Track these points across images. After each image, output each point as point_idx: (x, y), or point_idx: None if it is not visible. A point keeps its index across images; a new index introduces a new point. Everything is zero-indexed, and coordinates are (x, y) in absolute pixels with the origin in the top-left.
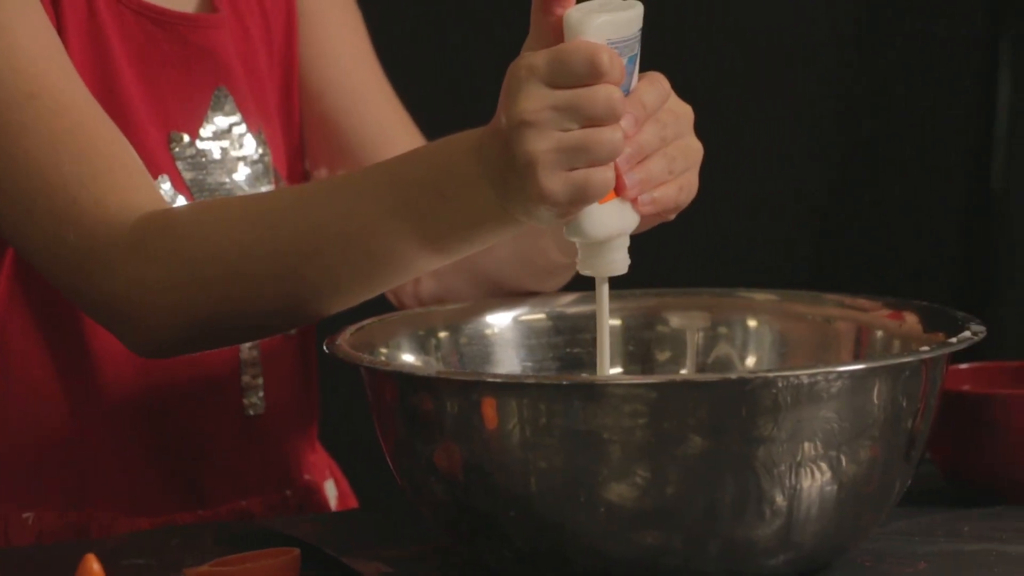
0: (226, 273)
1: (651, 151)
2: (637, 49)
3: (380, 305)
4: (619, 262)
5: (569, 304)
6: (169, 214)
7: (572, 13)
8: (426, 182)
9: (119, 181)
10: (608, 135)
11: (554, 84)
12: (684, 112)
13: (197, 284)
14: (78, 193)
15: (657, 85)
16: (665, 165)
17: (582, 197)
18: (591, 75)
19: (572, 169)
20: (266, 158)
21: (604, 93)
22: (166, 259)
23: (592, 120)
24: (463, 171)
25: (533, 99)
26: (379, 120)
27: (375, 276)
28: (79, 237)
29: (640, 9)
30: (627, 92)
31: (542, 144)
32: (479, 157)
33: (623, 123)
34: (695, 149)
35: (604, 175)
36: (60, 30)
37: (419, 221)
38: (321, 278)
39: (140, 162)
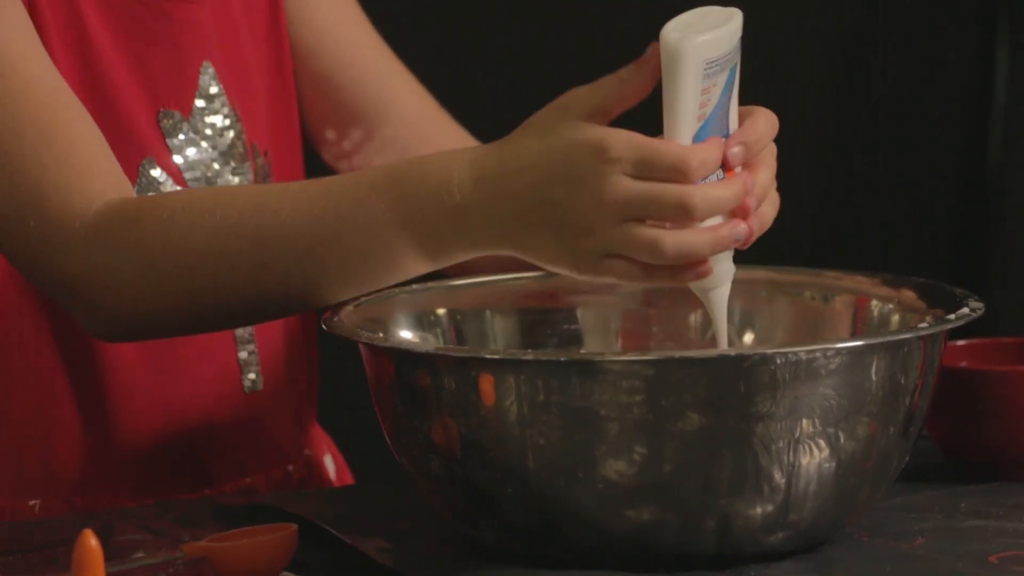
0: (189, 272)
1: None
2: (737, 59)
3: None
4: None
5: (567, 281)
6: (137, 205)
7: (670, 34)
8: (416, 201)
9: (83, 167)
10: (672, 239)
11: (634, 176)
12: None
13: (160, 278)
14: (40, 178)
15: (771, 120)
16: (772, 209)
17: (638, 280)
18: (676, 177)
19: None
20: (236, 133)
21: (676, 194)
22: (130, 250)
23: (662, 217)
24: (461, 202)
25: (615, 191)
26: (377, 70)
27: (342, 285)
28: (40, 224)
29: (739, 19)
30: (723, 127)
31: (616, 235)
32: (488, 188)
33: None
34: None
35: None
36: (37, 20)
37: (408, 234)
38: (280, 285)
39: (106, 146)
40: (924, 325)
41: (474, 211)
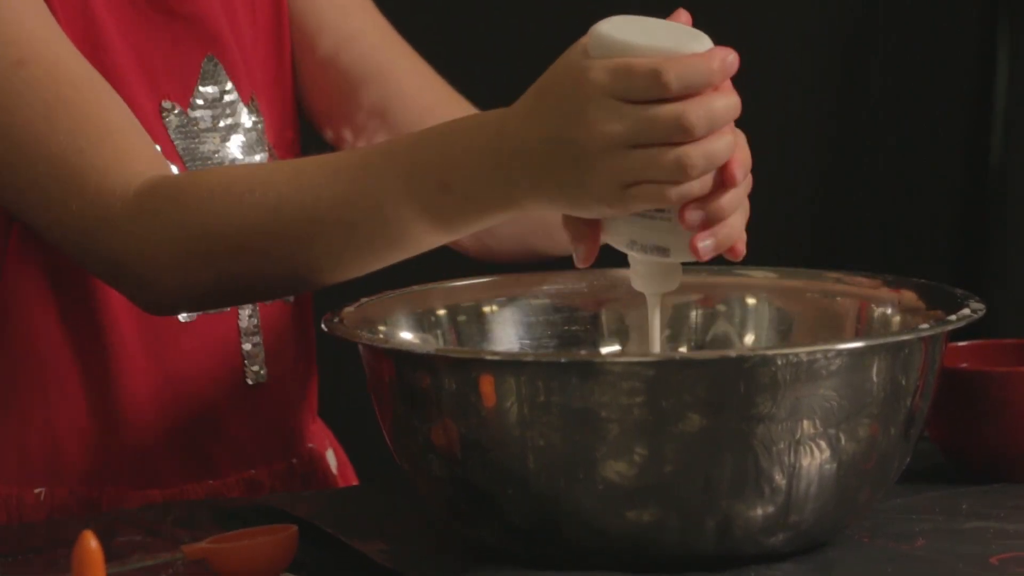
0: (231, 248)
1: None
2: None
3: (382, 279)
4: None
5: (567, 282)
6: (176, 184)
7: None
8: (433, 170)
9: (118, 148)
10: (697, 151)
11: (623, 99)
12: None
13: (203, 255)
14: (78, 163)
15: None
16: (742, 220)
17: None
18: (658, 92)
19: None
20: (259, 126)
21: (670, 113)
22: (173, 230)
23: (663, 140)
24: (475, 164)
25: (608, 119)
26: (382, 56)
27: (379, 255)
28: (83, 207)
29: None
30: None
31: (632, 163)
32: (499, 147)
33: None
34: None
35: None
36: (47, 5)
37: (426, 206)
38: (324, 256)
39: (138, 124)
40: (925, 326)
41: (496, 159)
